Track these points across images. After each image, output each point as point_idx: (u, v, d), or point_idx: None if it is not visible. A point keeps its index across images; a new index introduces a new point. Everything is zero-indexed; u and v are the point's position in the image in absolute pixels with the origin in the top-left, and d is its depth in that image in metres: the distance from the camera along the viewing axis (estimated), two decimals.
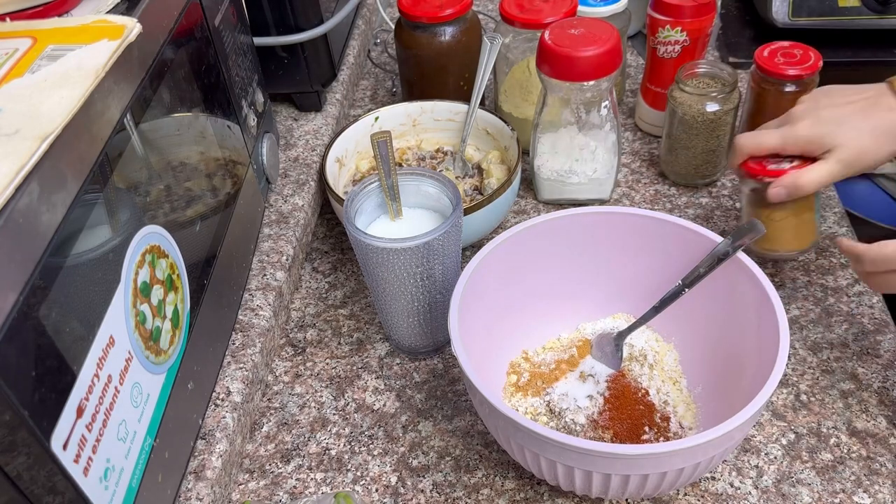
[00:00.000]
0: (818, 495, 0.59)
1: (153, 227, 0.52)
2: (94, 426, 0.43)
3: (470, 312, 0.60)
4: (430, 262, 0.63)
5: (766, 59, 0.79)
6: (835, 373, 0.67)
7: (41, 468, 0.39)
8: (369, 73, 1.10)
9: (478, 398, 0.54)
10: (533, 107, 0.83)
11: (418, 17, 0.85)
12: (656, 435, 0.61)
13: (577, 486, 0.54)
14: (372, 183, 0.66)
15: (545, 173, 0.83)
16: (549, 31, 0.75)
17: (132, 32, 0.49)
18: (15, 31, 0.49)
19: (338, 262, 0.83)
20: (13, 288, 0.37)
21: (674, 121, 0.82)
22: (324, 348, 0.74)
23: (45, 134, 0.40)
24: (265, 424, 0.68)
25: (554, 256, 0.67)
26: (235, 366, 0.66)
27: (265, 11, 0.83)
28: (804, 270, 0.75)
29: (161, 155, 0.57)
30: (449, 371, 0.71)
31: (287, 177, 0.85)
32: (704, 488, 0.60)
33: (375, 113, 0.86)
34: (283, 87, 0.91)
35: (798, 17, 1.01)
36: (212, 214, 0.64)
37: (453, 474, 0.63)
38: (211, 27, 0.65)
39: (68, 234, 0.42)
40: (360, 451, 0.65)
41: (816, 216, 0.69)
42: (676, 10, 0.84)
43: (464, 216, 0.69)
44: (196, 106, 0.63)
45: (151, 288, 0.51)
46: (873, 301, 0.72)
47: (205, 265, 0.62)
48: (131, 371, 0.47)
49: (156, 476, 0.51)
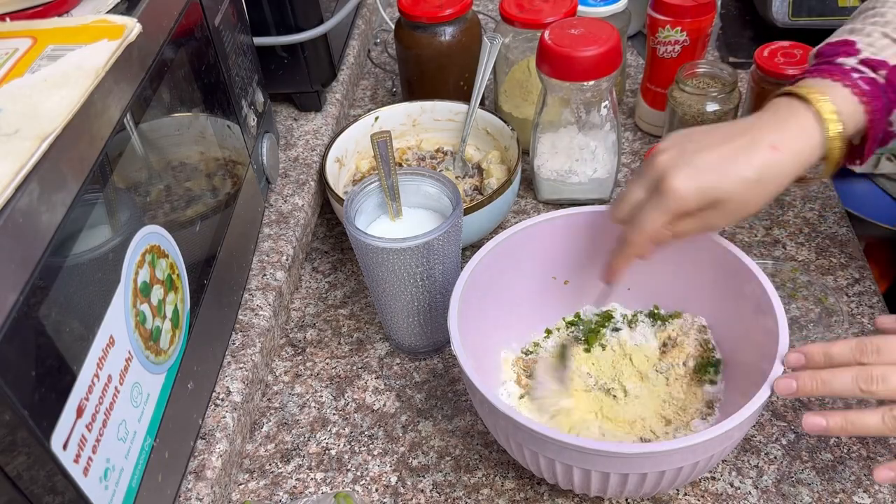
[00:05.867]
0: (818, 495, 0.59)
1: (153, 226, 0.52)
2: (94, 426, 0.43)
3: (470, 312, 0.60)
4: (430, 262, 0.63)
5: (766, 59, 0.79)
6: None
7: (41, 468, 0.39)
8: (369, 73, 1.10)
9: (478, 397, 0.54)
10: (533, 107, 0.83)
11: (418, 17, 0.85)
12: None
13: (576, 484, 0.54)
14: (372, 183, 0.66)
15: (545, 173, 0.83)
16: (549, 31, 0.75)
17: (132, 32, 0.49)
18: (15, 31, 0.49)
19: (338, 262, 0.83)
20: (13, 288, 0.37)
21: (674, 121, 0.82)
22: (324, 348, 0.74)
23: (44, 134, 0.40)
24: (265, 424, 0.68)
25: (554, 256, 0.67)
26: (235, 366, 0.66)
27: (265, 11, 0.83)
28: (804, 270, 0.75)
29: (161, 155, 0.57)
30: (449, 371, 0.71)
31: (287, 177, 0.85)
32: (704, 488, 0.60)
33: (375, 113, 0.86)
34: (283, 87, 0.91)
35: (798, 17, 1.01)
36: (212, 214, 0.64)
37: (453, 474, 0.63)
38: (211, 27, 0.65)
39: (68, 234, 0.42)
40: (360, 450, 0.65)
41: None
42: (676, 10, 0.84)
43: (464, 216, 0.69)
44: (196, 106, 0.63)
45: (151, 288, 0.51)
46: (873, 301, 0.72)
47: (205, 265, 0.62)
48: (131, 371, 0.47)
49: (156, 476, 0.51)
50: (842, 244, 0.78)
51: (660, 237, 0.56)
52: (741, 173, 0.54)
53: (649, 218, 0.55)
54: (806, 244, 0.78)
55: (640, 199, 0.57)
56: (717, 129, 0.57)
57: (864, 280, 0.74)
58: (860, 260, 0.76)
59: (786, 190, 0.83)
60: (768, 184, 0.55)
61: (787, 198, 0.83)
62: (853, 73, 0.56)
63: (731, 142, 0.55)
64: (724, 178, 0.54)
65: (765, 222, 0.81)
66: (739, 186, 0.54)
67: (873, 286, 0.74)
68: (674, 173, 0.54)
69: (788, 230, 0.80)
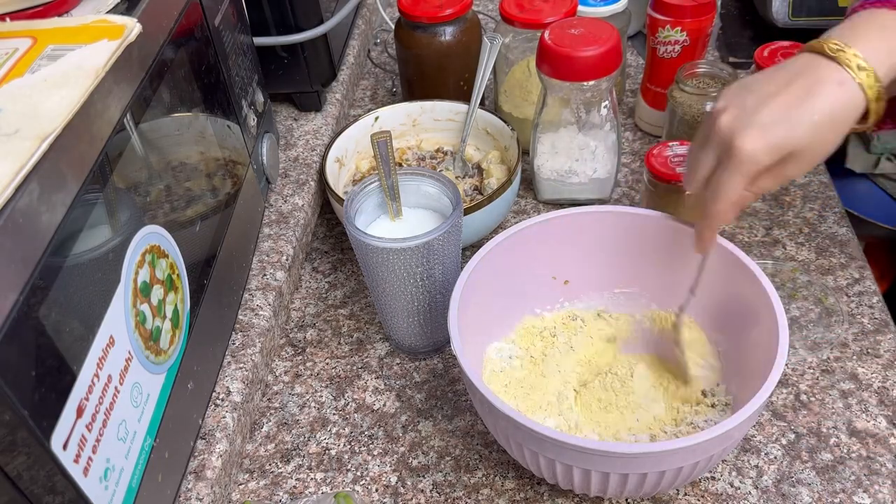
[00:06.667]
0: (818, 495, 0.59)
1: (153, 226, 0.52)
2: (94, 426, 0.43)
3: (469, 312, 0.60)
4: (430, 262, 0.63)
5: (766, 59, 0.79)
6: (835, 373, 0.67)
7: (41, 468, 0.39)
8: (369, 73, 1.10)
9: (478, 397, 0.54)
10: (533, 107, 0.83)
11: (418, 17, 0.85)
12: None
13: (576, 484, 0.54)
14: (372, 183, 0.66)
15: (545, 173, 0.83)
16: (549, 31, 0.75)
17: (132, 32, 0.49)
18: (15, 31, 0.49)
19: (338, 262, 0.83)
20: (13, 288, 0.37)
21: (674, 121, 0.82)
22: (324, 348, 0.74)
23: (44, 134, 0.40)
24: (265, 424, 0.68)
25: (554, 256, 0.67)
26: (235, 366, 0.66)
27: (265, 11, 0.83)
28: (804, 270, 0.75)
29: (161, 155, 0.57)
30: (449, 371, 0.71)
31: (287, 177, 0.85)
32: (704, 488, 0.60)
33: (375, 113, 0.86)
34: (283, 87, 0.91)
35: (798, 17, 1.01)
36: (212, 214, 0.64)
37: (453, 474, 0.63)
38: (211, 27, 0.65)
39: (68, 234, 0.42)
40: (360, 451, 0.65)
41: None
42: (676, 10, 0.84)
43: (464, 216, 0.69)
44: (196, 106, 0.63)
45: (151, 288, 0.51)
46: (873, 301, 0.72)
47: (205, 265, 0.62)
48: (131, 371, 0.47)
49: (156, 476, 0.51)
50: (842, 244, 0.78)
51: (742, 201, 0.54)
52: (811, 119, 0.51)
53: (728, 185, 0.53)
54: (806, 244, 0.78)
55: (711, 165, 0.55)
56: (773, 74, 0.54)
57: (864, 280, 0.74)
58: (860, 260, 0.76)
59: (786, 190, 0.84)
60: (840, 122, 0.52)
61: (787, 198, 0.83)
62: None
63: (792, 85, 0.52)
64: (796, 128, 0.51)
65: (765, 222, 0.81)
66: (811, 133, 0.51)
67: (873, 286, 0.74)
68: (742, 135, 0.51)
69: (788, 230, 0.80)
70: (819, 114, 0.51)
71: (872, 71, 0.52)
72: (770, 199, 0.83)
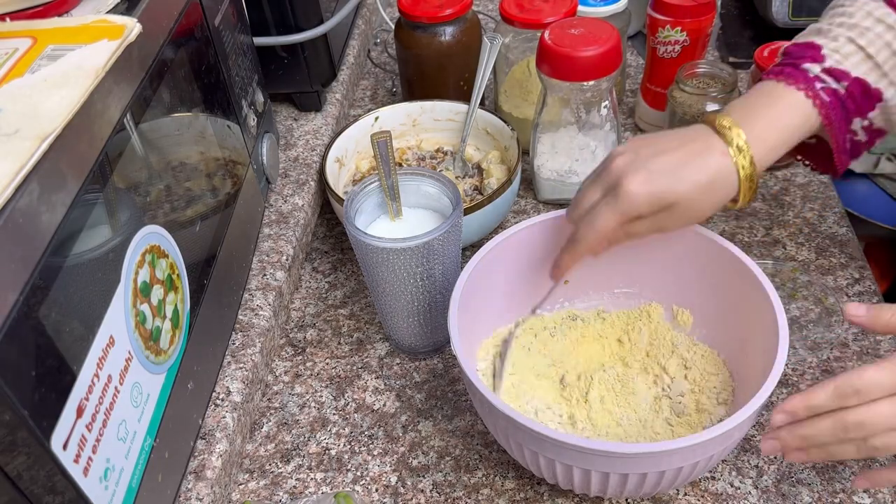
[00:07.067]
0: (818, 495, 0.59)
1: (153, 226, 0.52)
2: (94, 426, 0.43)
3: (469, 312, 0.60)
4: (430, 262, 0.63)
5: (766, 59, 0.79)
6: (835, 373, 0.67)
7: (41, 468, 0.39)
8: (369, 73, 1.10)
9: (478, 397, 0.54)
10: (533, 107, 0.83)
11: (418, 17, 0.85)
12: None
13: (576, 484, 0.54)
14: (372, 183, 0.66)
15: (545, 173, 0.83)
16: (549, 31, 0.75)
17: (132, 32, 0.49)
18: (15, 31, 0.49)
19: (338, 262, 0.83)
20: (13, 288, 0.37)
21: (674, 121, 0.82)
22: (324, 348, 0.74)
23: (44, 134, 0.40)
24: (265, 424, 0.68)
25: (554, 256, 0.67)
26: (235, 366, 0.66)
27: (265, 11, 0.83)
28: (804, 270, 0.75)
29: (161, 155, 0.57)
30: (449, 371, 0.71)
31: (287, 177, 0.85)
32: (704, 488, 0.60)
33: (375, 113, 0.86)
34: (283, 87, 0.91)
35: (798, 17, 1.01)
36: (212, 214, 0.64)
37: (453, 474, 0.63)
38: (211, 27, 0.65)
39: (68, 234, 0.42)
40: (360, 451, 0.65)
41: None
42: (676, 10, 0.84)
43: (464, 216, 0.69)
44: (196, 106, 0.63)
45: (151, 288, 0.51)
46: (873, 301, 0.72)
47: (205, 265, 0.62)
48: (131, 371, 0.47)
49: (156, 476, 0.51)
50: (842, 244, 0.78)
51: (613, 237, 0.57)
52: (694, 177, 0.55)
53: (603, 218, 0.56)
54: (806, 244, 0.78)
55: (595, 200, 0.58)
56: (672, 134, 0.58)
57: (864, 280, 0.74)
58: (860, 260, 0.76)
59: (786, 190, 0.84)
60: (720, 189, 0.56)
61: (788, 198, 0.83)
62: (816, 81, 0.56)
63: (685, 146, 0.56)
64: (680, 182, 0.55)
65: (765, 222, 0.81)
66: (692, 190, 0.55)
67: (873, 286, 0.74)
68: (630, 177, 0.55)
69: (788, 230, 0.80)
70: (703, 175, 0.55)
71: (749, 154, 0.55)
72: (770, 199, 0.83)
